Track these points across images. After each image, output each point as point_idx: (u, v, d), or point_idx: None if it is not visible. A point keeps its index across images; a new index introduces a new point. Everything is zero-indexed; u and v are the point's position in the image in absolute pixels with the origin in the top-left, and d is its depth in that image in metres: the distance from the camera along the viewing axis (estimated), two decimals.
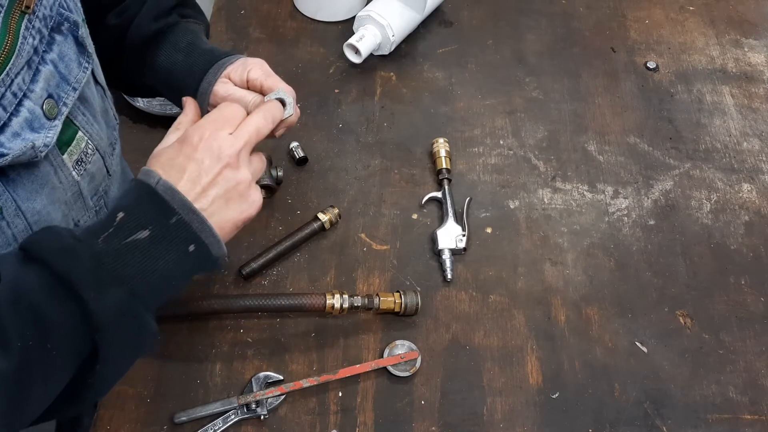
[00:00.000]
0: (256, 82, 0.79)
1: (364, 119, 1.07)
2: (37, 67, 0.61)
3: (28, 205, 0.63)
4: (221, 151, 0.64)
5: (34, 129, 0.60)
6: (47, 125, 0.62)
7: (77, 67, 0.67)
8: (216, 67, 0.81)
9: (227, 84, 0.80)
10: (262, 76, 0.79)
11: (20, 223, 0.63)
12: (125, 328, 0.58)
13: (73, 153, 0.69)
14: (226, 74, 0.80)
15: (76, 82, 0.67)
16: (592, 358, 0.87)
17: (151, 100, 2.04)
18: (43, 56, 0.62)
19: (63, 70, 0.65)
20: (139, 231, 0.59)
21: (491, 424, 0.81)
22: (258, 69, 0.80)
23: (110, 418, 0.78)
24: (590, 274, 0.94)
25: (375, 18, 1.09)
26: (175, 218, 0.60)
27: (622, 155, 1.06)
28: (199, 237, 0.61)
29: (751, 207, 1.02)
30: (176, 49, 0.82)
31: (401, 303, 0.85)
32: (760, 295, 0.93)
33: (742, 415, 0.84)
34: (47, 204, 0.66)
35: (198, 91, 0.81)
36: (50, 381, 0.57)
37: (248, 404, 0.79)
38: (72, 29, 0.66)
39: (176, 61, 0.82)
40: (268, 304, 0.83)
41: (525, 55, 1.18)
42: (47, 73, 0.62)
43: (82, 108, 0.70)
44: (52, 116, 0.63)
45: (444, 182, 0.98)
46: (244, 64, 0.80)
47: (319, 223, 0.93)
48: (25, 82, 0.60)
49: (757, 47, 1.22)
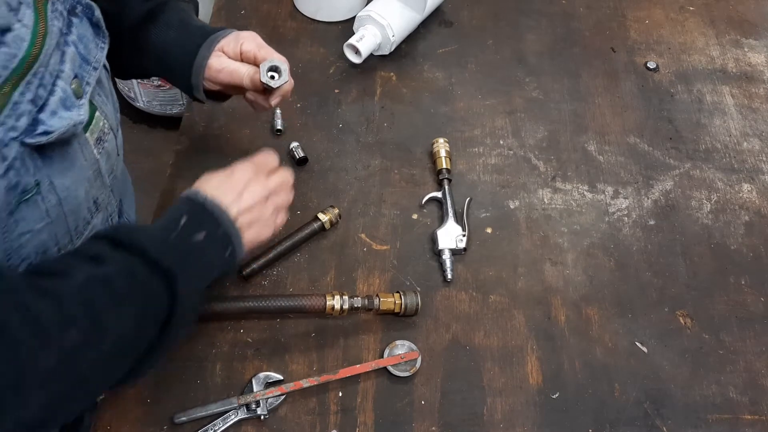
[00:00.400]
0: (249, 53, 0.83)
1: (364, 119, 1.07)
2: (63, 48, 0.64)
3: (60, 181, 0.66)
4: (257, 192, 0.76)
5: (67, 107, 0.63)
6: (77, 104, 0.65)
7: (95, 47, 0.69)
8: (209, 42, 0.83)
9: (221, 57, 0.83)
10: (255, 47, 0.83)
11: (53, 198, 0.66)
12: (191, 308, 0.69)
13: (94, 131, 0.71)
14: (219, 48, 0.83)
15: (96, 62, 0.69)
16: (592, 358, 0.87)
17: (151, 100, 2.04)
18: (66, 38, 0.64)
19: (83, 51, 0.67)
20: (197, 233, 0.70)
21: (491, 424, 0.81)
22: (251, 41, 0.83)
23: (110, 418, 0.78)
24: (590, 274, 0.94)
25: (375, 18, 1.09)
26: (222, 229, 0.72)
27: (622, 155, 1.06)
28: (234, 245, 0.73)
29: (751, 207, 1.02)
30: (168, 27, 0.85)
31: (401, 303, 0.85)
32: (760, 295, 0.93)
33: (742, 415, 0.84)
34: (75, 180, 0.68)
35: (193, 66, 0.84)
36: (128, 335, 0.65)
37: (248, 404, 0.79)
38: (86, 12, 0.68)
39: (169, 39, 0.85)
40: (267, 306, 0.83)
41: (525, 55, 1.18)
42: (71, 53, 0.65)
43: (98, 88, 0.72)
44: (79, 95, 0.66)
45: (444, 182, 0.98)
46: (236, 38, 0.84)
47: (319, 223, 0.93)
48: (56, 62, 0.62)
49: (757, 47, 1.22)
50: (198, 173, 0.78)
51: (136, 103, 2.06)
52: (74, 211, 0.70)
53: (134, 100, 2.05)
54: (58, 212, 0.67)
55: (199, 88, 0.86)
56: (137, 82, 1.97)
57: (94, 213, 0.75)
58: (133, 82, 1.97)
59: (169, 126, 2.08)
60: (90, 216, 0.75)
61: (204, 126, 1.05)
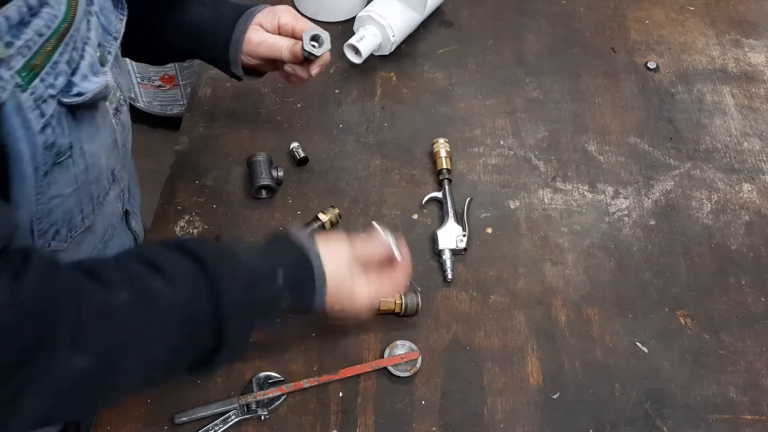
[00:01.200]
0: (287, 26, 0.84)
1: (365, 119, 1.07)
2: (88, 17, 0.65)
3: (88, 146, 0.67)
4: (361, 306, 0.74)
5: (95, 73, 0.64)
6: (102, 71, 0.66)
7: (115, 18, 0.71)
8: (245, 16, 0.85)
9: (259, 31, 0.85)
10: (292, 20, 0.84)
11: (81, 163, 0.67)
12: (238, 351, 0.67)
13: (113, 101, 0.72)
14: (256, 22, 0.85)
15: (116, 32, 0.71)
16: (592, 358, 0.87)
17: (151, 100, 2.04)
18: (88, 8, 0.65)
19: (104, 22, 0.68)
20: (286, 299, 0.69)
21: (491, 424, 0.81)
22: (287, 14, 0.85)
23: (111, 418, 0.78)
24: (590, 274, 0.94)
25: (375, 18, 1.09)
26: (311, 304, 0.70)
27: (622, 155, 1.06)
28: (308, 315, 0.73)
29: (751, 207, 1.02)
30: (202, 5, 0.86)
31: (402, 303, 0.85)
32: (761, 295, 0.93)
33: (743, 415, 0.83)
34: (100, 146, 0.69)
35: (231, 41, 0.85)
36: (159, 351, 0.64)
37: (248, 404, 0.79)
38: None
39: (204, 16, 0.86)
40: None
41: (525, 56, 1.18)
42: (95, 23, 0.66)
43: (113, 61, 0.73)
44: (103, 63, 0.67)
45: (444, 182, 0.98)
46: (273, 11, 0.86)
47: (320, 223, 0.93)
48: (85, 29, 0.64)
49: (757, 47, 1.22)
50: (198, 173, 0.76)
51: (136, 103, 2.06)
52: (97, 179, 0.71)
53: (134, 101, 2.05)
54: (85, 178, 0.68)
55: (237, 63, 0.87)
56: (137, 82, 1.97)
57: (111, 184, 0.76)
58: (133, 82, 1.97)
59: (169, 126, 2.08)
60: (108, 186, 0.76)
61: (204, 126, 1.05)
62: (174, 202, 0.95)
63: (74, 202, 0.69)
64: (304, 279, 0.69)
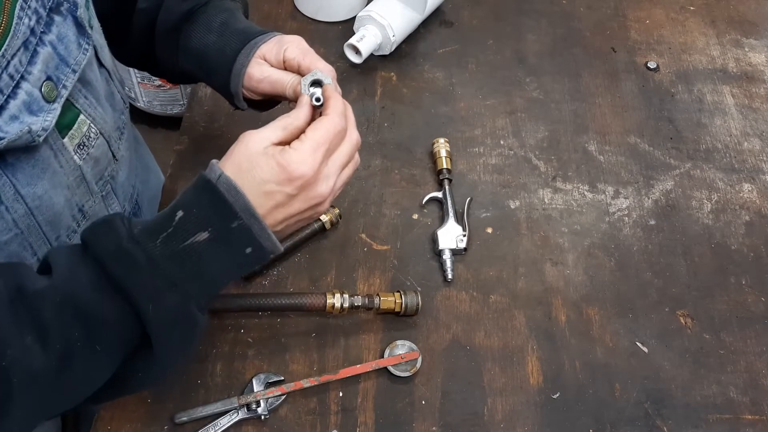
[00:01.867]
0: (293, 61, 0.75)
1: (365, 119, 1.07)
2: (34, 48, 0.60)
3: (28, 189, 0.62)
4: (318, 197, 0.64)
5: (32, 112, 0.59)
6: (46, 108, 0.61)
7: (77, 48, 0.65)
8: (249, 47, 0.76)
9: (263, 65, 0.76)
10: (300, 55, 0.74)
11: (20, 208, 0.63)
12: (179, 329, 0.60)
13: (75, 137, 0.67)
14: (260, 54, 0.76)
15: (76, 64, 0.65)
16: (592, 358, 0.87)
17: (151, 100, 2.04)
18: (41, 37, 0.61)
19: (62, 52, 0.63)
20: (198, 233, 0.59)
21: (492, 424, 0.81)
22: (294, 48, 0.75)
23: (110, 418, 0.78)
24: (591, 274, 0.94)
25: (375, 18, 1.09)
26: (237, 222, 0.60)
27: (622, 155, 1.06)
28: (258, 241, 0.61)
29: (751, 207, 1.02)
30: (209, 30, 0.78)
31: (401, 303, 0.85)
32: (761, 295, 0.93)
33: (743, 415, 0.83)
34: (49, 188, 0.65)
35: (231, 72, 0.77)
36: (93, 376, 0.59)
37: (248, 404, 0.79)
38: (71, 9, 0.64)
39: (209, 43, 0.78)
40: (268, 303, 0.83)
41: (525, 55, 1.18)
42: (46, 54, 0.61)
43: (84, 91, 0.69)
44: (51, 99, 0.61)
45: (444, 182, 0.98)
46: (279, 43, 0.76)
47: (320, 223, 0.93)
48: (22, 63, 0.59)
49: (757, 47, 1.22)
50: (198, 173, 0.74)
51: (137, 103, 2.06)
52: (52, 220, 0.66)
53: (134, 100, 2.05)
54: (30, 222, 0.64)
55: (239, 97, 0.79)
56: (137, 81, 1.97)
57: (81, 221, 0.72)
58: (133, 81, 1.97)
59: (169, 126, 2.08)
60: (76, 224, 0.71)
61: (204, 126, 1.05)
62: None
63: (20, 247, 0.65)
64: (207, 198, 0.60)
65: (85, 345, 0.56)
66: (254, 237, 0.61)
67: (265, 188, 0.61)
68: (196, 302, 0.60)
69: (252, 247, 0.61)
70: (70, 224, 0.71)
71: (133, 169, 0.85)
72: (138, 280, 0.57)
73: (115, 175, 0.78)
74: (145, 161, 0.92)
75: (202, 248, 0.59)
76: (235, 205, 0.60)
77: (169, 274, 0.58)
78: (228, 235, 0.60)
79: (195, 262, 0.59)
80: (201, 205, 0.60)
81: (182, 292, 0.59)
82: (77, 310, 0.56)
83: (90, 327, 0.56)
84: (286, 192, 0.62)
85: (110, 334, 0.58)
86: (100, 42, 0.74)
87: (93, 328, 0.57)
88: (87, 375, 0.58)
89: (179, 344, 0.61)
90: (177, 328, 0.60)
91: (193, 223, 0.59)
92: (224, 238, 0.60)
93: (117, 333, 0.58)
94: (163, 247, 0.58)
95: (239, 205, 0.60)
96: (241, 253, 0.61)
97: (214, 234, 0.59)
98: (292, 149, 0.63)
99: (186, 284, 0.59)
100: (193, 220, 0.59)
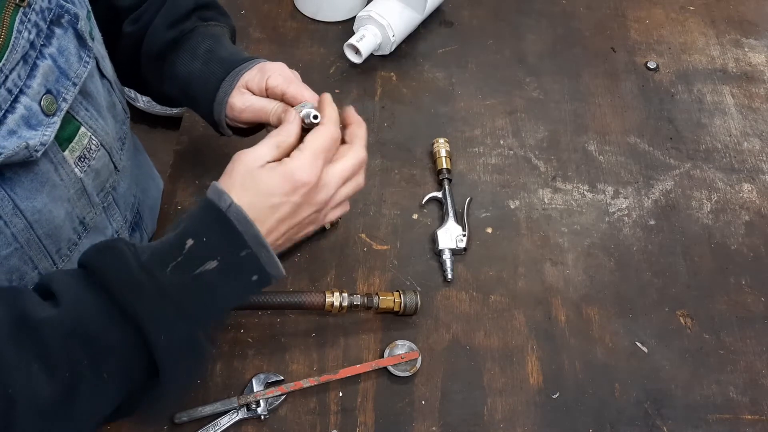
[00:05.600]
0: (277, 89, 0.73)
1: (365, 119, 1.05)
2: (34, 62, 0.59)
3: (27, 204, 0.62)
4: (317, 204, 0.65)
5: (31, 126, 0.59)
6: (45, 122, 0.60)
7: (77, 61, 0.65)
8: (232, 76, 0.75)
9: (245, 95, 0.75)
10: (283, 83, 0.73)
11: (19, 222, 0.62)
12: (188, 358, 0.60)
13: (75, 149, 0.67)
14: (243, 83, 0.75)
15: (77, 77, 0.65)
16: (592, 358, 0.87)
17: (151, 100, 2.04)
18: (41, 50, 0.60)
19: (63, 65, 0.63)
20: (207, 261, 0.59)
21: (491, 424, 0.81)
22: (277, 75, 0.74)
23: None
24: (590, 274, 0.94)
25: (375, 18, 1.09)
26: (246, 252, 0.60)
27: (622, 155, 1.06)
28: (265, 269, 0.62)
29: (751, 207, 1.02)
30: (194, 57, 0.77)
31: (401, 302, 0.85)
32: (761, 295, 0.93)
33: (743, 415, 0.83)
34: (48, 202, 0.64)
35: (215, 101, 0.76)
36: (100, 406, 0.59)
37: (248, 404, 0.79)
38: (72, 22, 0.64)
39: (193, 71, 0.77)
40: (268, 302, 0.83)
41: (525, 55, 1.18)
42: (45, 68, 0.60)
43: (85, 103, 0.68)
44: (50, 112, 0.61)
45: (444, 182, 0.98)
46: (262, 71, 0.75)
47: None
48: (21, 77, 0.58)
49: (757, 47, 1.22)
50: (198, 173, 0.73)
51: (136, 103, 2.06)
52: (52, 234, 0.66)
53: (134, 100, 2.05)
54: (29, 237, 0.63)
55: (222, 125, 0.78)
56: None
57: (82, 233, 0.71)
58: None
59: (169, 126, 2.08)
60: (77, 237, 0.70)
61: (204, 126, 1.05)
62: (174, 202, 0.95)
63: (20, 261, 0.64)
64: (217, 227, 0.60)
65: (92, 374, 0.56)
66: (262, 266, 0.61)
67: (271, 201, 0.62)
68: (204, 330, 0.61)
69: (258, 275, 0.62)
70: (71, 237, 0.70)
71: (134, 178, 0.85)
72: (150, 311, 0.57)
73: (117, 186, 0.77)
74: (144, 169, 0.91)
75: (211, 277, 0.59)
76: (245, 235, 0.60)
77: (180, 304, 0.58)
78: (237, 263, 0.60)
79: (204, 291, 0.60)
80: (211, 234, 0.60)
81: (193, 322, 0.59)
82: (85, 339, 0.56)
83: (98, 356, 0.56)
84: (293, 201, 0.63)
85: (118, 364, 0.58)
86: (101, 53, 0.73)
87: (101, 358, 0.56)
88: (93, 405, 0.58)
89: (187, 374, 0.62)
90: (186, 357, 0.60)
91: (203, 251, 0.59)
92: (233, 267, 0.60)
93: (125, 362, 0.58)
94: (173, 276, 0.58)
95: (249, 235, 0.60)
96: (248, 281, 0.62)
97: (223, 264, 0.60)
98: (293, 159, 0.63)
99: (196, 314, 0.59)
100: (203, 249, 0.59)
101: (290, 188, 0.62)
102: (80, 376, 0.55)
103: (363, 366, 0.82)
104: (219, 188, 0.62)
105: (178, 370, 0.60)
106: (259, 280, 0.62)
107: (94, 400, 0.57)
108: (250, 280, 0.62)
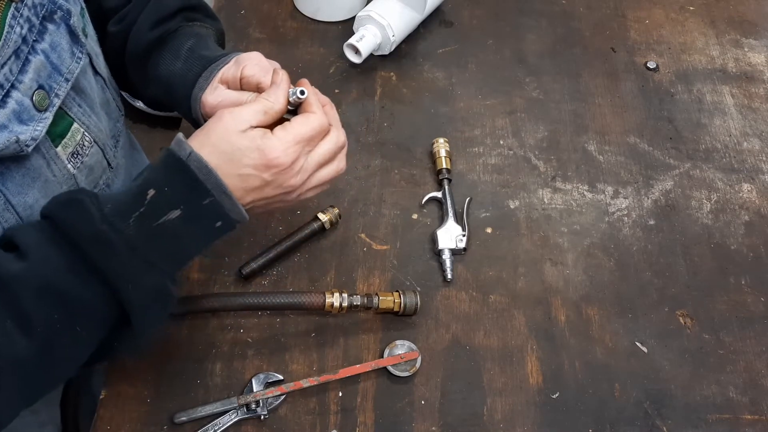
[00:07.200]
0: (252, 78, 0.71)
1: (365, 119, 1.07)
2: (26, 57, 0.60)
3: (19, 199, 0.62)
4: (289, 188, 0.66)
5: (22, 121, 0.59)
6: (37, 117, 0.61)
7: (70, 57, 0.65)
8: (209, 72, 0.73)
9: (218, 89, 0.72)
10: (259, 72, 0.71)
11: (11, 218, 0.62)
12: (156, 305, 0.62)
13: (68, 145, 0.67)
14: (219, 78, 0.72)
15: (69, 72, 0.65)
16: (592, 358, 0.87)
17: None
18: (33, 46, 0.60)
19: (55, 60, 0.63)
20: (170, 211, 0.60)
21: (491, 424, 0.81)
22: (253, 65, 0.71)
23: (110, 417, 0.78)
24: (590, 274, 0.94)
25: (375, 18, 1.09)
26: (208, 199, 0.61)
27: (622, 155, 1.06)
28: (229, 215, 0.63)
29: (751, 207, 1.02)
30: (176, 57, 0.76)
31: (400, 302, 0.85)
32: (761, 295, 0.93)
33: (743, 415, 0.83)
34: (40, 198, 0.64)
35: (191, 98, 0.74)
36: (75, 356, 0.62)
37: (248, 404, 0.79)
38: (64, 18, 0.63)
39: (174, 70, 0.75)
40: (267, 302, 0.83)
41: (525, 55, 1.18)
42: (38, 63, 0.61)
43: (78, 99, 0.68)
44: (42, 108, 0.61)
45: (444, 182, 0.98)
46: (237, 62, 0.73)
47: (319, 223, 0.93)
48: (12, 72, 0.58)
49: (757, 47, 1.22)
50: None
51: (136, 103, 2.05)
52: None
53: (134, 100, 2.05)
54: None
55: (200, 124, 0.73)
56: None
57: None
58: None
59: (169, 126, 2.08)
60: None
61: None
62: None
63: None
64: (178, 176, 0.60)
65: (65, 327, 0.58)
66: (225, 212, 0.62)
67: (241, 171, 0.62)
68: (170, 277, 0.63)
69: (222, 221, 0.63)
70: None
71: (129, 176, 0.84)
72: (116, 263, 0.58)
73: (111, 184, 0.77)
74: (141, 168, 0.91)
75: (174, 226, 0.60)
76: (207, 183, 0.61)
77: (146, 254, 0.59)
78: (200, 211, 0.61)
79: (169, 240, 0.61)
80: (173, 184, 0.60)
81: (158, 270, 0.61)
82: (56, 295, 0.57)
83: (70, 309, 0.58)
84: (262, 177, 0.63)
85: (90, 315, 0.60)
86: (95, 50, 0.73)
87: (73, 311, 0.58)
88: (69, 356, 0.60)
89: (157, 319, 0.63)
90: (155, 305, 0.62)
91: (165, 201, 0.60)
92: (196, 214, 0.61)
93: (96, 313, 0.60)
94: (137, 227, 0.59)
95: (211, 183, 0.61)
96: (212, 228, 0.63)
97: (186, 211, 0.60)
98: (275, 137, 0.64)
99: (161, 263, 0.61)
100: (165, 199, 0.60)
101: (262, 164, 0.63)
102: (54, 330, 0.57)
103: (363, 366, 0.82)
104: (180, 138, 0.62)
105: (148, 316, 0.61)
106: (223, 226, 0.63)
107: (69, 352, 0.60)
108: (214, 226, 0.62)
